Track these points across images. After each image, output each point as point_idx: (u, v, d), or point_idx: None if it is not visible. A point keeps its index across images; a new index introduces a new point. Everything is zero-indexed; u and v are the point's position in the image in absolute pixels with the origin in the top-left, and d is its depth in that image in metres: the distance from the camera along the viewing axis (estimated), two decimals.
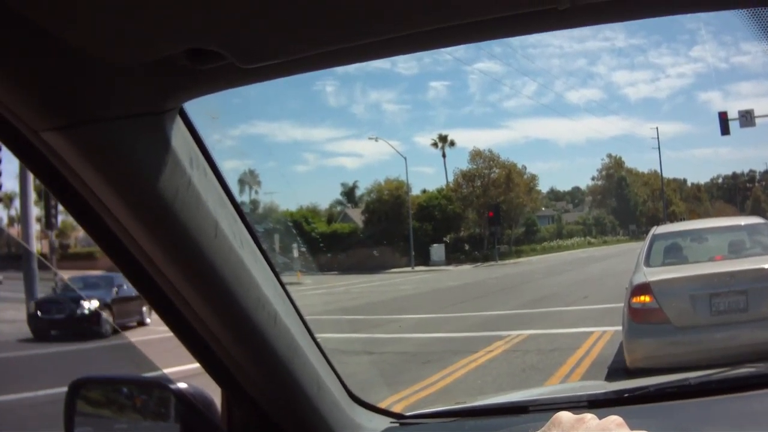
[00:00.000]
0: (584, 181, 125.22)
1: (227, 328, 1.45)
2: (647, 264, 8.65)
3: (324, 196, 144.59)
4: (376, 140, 60.63)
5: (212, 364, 1.57)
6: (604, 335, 12.23)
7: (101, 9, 0.92)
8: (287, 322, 1.56)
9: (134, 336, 18.27)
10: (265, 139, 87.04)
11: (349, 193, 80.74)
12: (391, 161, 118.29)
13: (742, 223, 10.10)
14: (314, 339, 1.72)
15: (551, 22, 1.04)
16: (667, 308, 7.66)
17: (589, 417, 0.93)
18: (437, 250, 55.40)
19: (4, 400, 9.98)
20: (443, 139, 76.30)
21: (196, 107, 1.27)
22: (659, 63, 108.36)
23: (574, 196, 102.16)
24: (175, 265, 1.31)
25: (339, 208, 75.25)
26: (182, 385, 1.69)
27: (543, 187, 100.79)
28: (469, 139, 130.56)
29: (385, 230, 57.08)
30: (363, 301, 26.63)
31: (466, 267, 50.30)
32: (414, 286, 33.41)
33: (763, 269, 7.63)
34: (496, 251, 54.49)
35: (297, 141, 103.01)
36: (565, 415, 0.94)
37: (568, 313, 16.49)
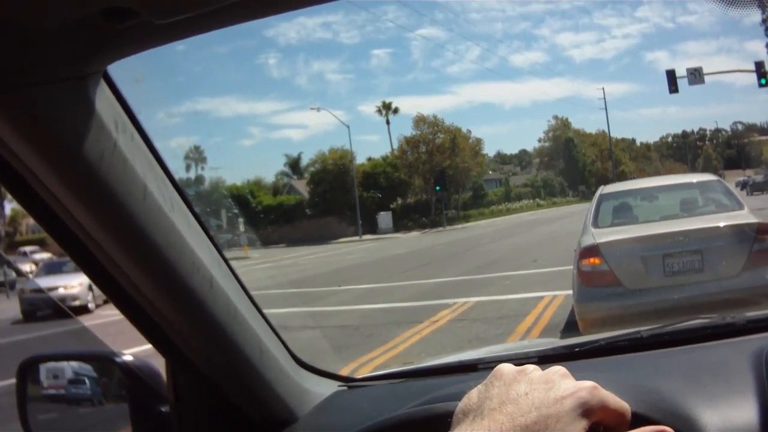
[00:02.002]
0: (531, 144, 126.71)
1: (163, 293, 1.45)
2: (595, 225, 8.34)
3: (270, 169, 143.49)
4: (318, 110, 60.31)
5: (154, 334, 1.56)
6: (555, 300, 11.78)
7: None
8: (224, 286, 1.54)
9: None
10: (210, 115, 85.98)
11: (294, 164, 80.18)
12: (336, 131, 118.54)
13: (694, 181, 9.71)
14: (254, 303, 1.69)
15: None
16: (618, 270, 7.34)
17: (531, 368, 0.91)
18: (384, 218, 55.29)
19: None
20: (387, 106, 75.93)
21: (123, 72, 1.25)
22: (604, 24, 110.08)
23: (522, 158, 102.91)
24: (105, 229, 1.30)
25: (285, 181, 74.77)
26: (128, 358, 1.72)
27: (490, 150, 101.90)
28: (414, 105, 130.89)
29: (331, 200, 57.08)
30: (309, 273, 26.04)
31: (414, 234, 50.17)
32: (361, 255, 33.14)
33: (718, 227, 7.36)
34: (444, 217, 54.47)
35: (242, 115, 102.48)
36: (506, 368, 0.92)
37: (517, 278, 15.98)
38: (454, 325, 11.23)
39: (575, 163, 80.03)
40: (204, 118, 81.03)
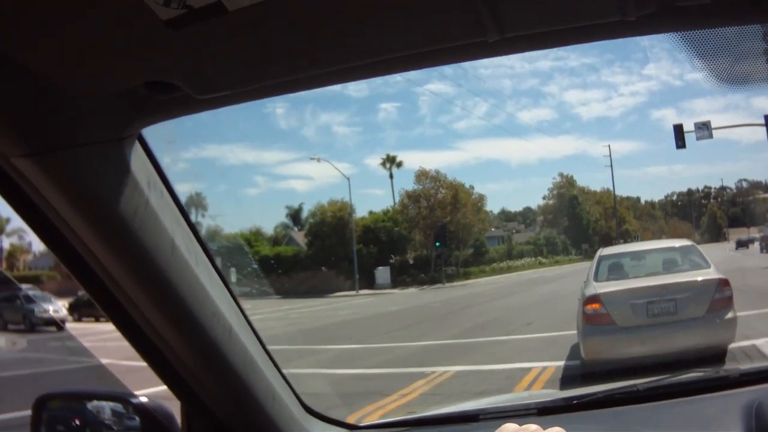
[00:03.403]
0: (536, 201, 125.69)
1: (184, 342, 1.53)
2: (596, 279, 10.49)
3: (273, 219, 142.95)
4: (319, 161, 60.36)
5: (171, 378, 1.65)
6: (545, 372, 10.65)
7: (67, 44, 1.01)
8: (241, 336, 1.64)
9: None
10: (216, 162, 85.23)
11: (295, 215, 79.47)
12: (341, 183, 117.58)
13: (676, 245, 11.92)
14: (268, 352, 1.77)
15: (482, 51, 1.14)
16: (613, 313, 9.56)
17: (533, 428, 0.94)
18: (382, 273, 54.16)
19: None
20: (391, 159, 75.33)
21: (153, 132, 1.33)
22: (612, 82, 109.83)
23: (526, 216, 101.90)
24: (134, 281, 1.38)
25: (285, 231, 73.92)
26: (143, 399, 1.79)
27: (494, 207, 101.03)
28: (420, 161, 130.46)
29: (329, 253, 56.13)
30: (294, 328, 25.26)
31: (412, 290, 49.00)
32: (353, 311, 32.08)
33: (687, 282, 9.71)
34: (444, 273, 53.28)
35: (248, 164, 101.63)
36: (510, 426, 0.96)
37: (506, 344, 14.79)
38: (425, 399, 9.95)
39: (579, 221, 79.11)
40: (211, 165, 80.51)
